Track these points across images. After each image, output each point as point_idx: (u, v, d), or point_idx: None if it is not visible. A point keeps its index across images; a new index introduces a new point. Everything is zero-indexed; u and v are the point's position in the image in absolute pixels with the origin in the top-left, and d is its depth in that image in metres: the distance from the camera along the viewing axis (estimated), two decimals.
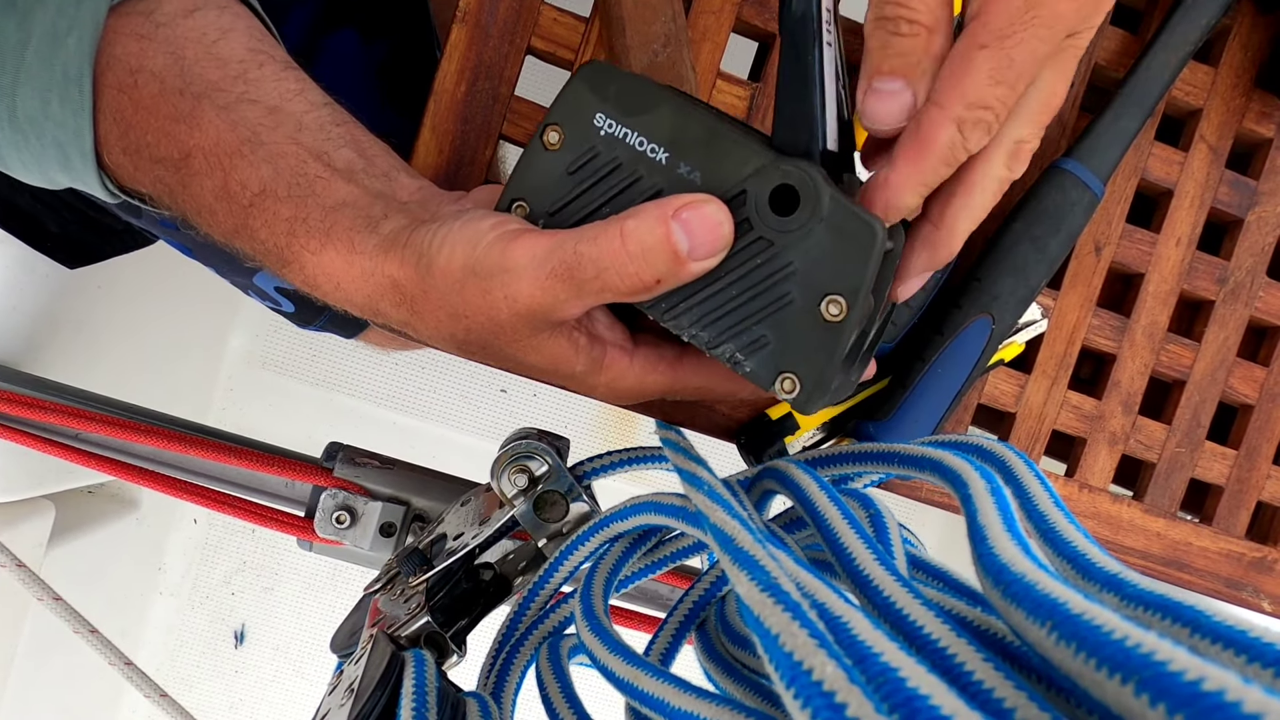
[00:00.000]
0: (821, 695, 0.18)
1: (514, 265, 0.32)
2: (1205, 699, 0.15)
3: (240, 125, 0.37)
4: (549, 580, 0.42)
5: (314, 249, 0.36)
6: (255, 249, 0.38)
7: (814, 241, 0.32)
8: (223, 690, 1.58)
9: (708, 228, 0.32)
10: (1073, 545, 0.23)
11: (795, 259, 0.32)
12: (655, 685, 0.29)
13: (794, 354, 0.33)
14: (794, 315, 0.33)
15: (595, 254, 0.32)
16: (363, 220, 0.36)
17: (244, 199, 0.37)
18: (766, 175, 0.32)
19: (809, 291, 0.32)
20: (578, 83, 0.35)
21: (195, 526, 1.55)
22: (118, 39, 0.37)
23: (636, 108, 0.34)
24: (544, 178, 0.35)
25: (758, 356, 0.33)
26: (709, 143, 0.33)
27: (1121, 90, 0.49)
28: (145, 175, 0.38)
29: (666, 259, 0.31)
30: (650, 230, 0.31)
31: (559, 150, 0.35)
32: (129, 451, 0.62)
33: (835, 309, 0.32)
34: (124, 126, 0.37)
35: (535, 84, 0.49)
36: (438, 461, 0.63)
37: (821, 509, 0.32)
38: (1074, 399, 0.54)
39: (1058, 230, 0.47)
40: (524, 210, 0.36)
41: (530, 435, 0.46)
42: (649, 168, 0.34)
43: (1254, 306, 0.55)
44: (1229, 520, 0.56)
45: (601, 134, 0.34)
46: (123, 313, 1.14)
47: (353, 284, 0.36)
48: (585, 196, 0.35)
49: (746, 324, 0.33)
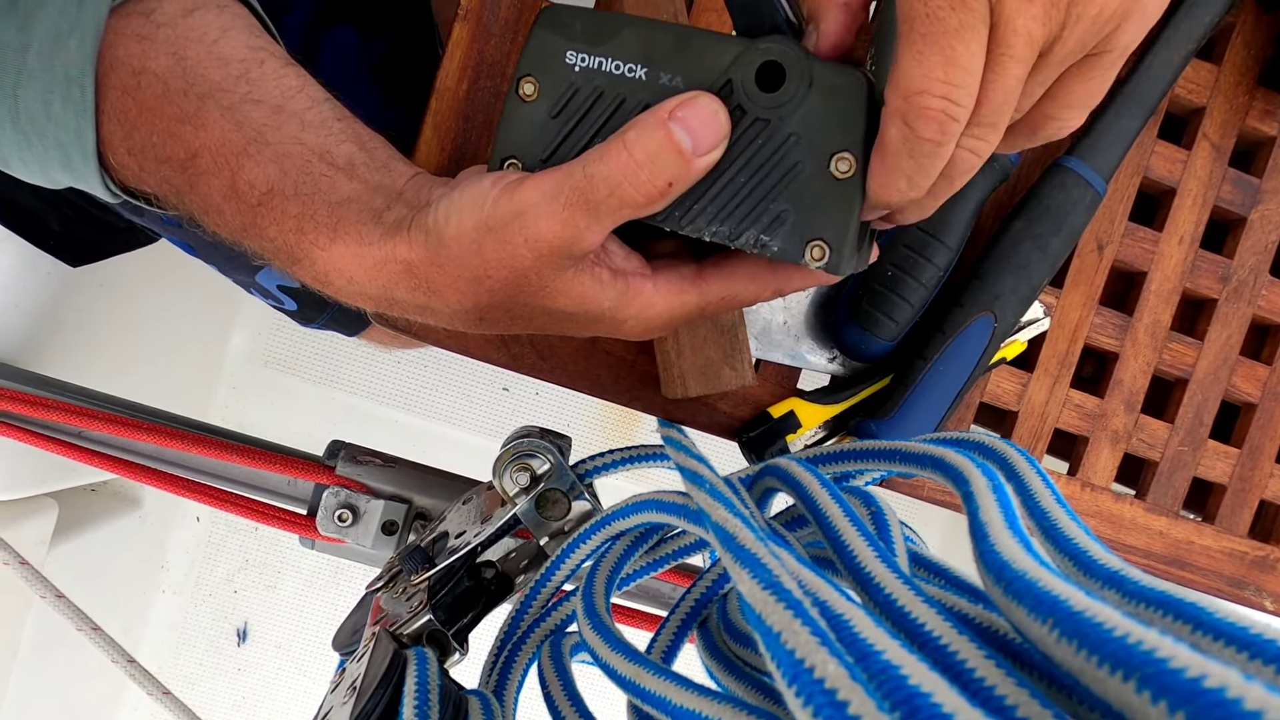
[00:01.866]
0: (823, 693, 0.18)
1: (527, 206, 0.33)
2: (1206, 696, 0.15)
3: (245, 125, 0.37)
4: (551, 578, 0.42)
5: (323, 244, 0.36)
6: (264, 247, 0.38)
7: (808, 108, 0.33)
8: (225, 688, 1.58)
9: (704, 119, 0.32)
10: (1074, 542, 0.23)
11: (795, 128, 0.33)
12: (657, 683, 0.29)
13: (816, 219, 0.33)
14: (807, 182, 0.33)
15: (605, 172, 0.32)
16: (368, 213, 0.36)
17: (252, 198, 0.37)
18: (747, 58, 0.33)
19: (815, 156, 0.33)
20: (540, 30, 0.35)
21: (198, 524, 1.55)
22: (119, 40, 0.37)
23: (603, 36, 0.35)
24: (528, 129, 0.36)
25: (781, 232, 0.34)
26: (681, 47, 0.34)
27: (1124, 88, 0.49)
28: (151, 175, 0.38)
29: (674, 159, 0.32)
30: (652, 136, 0.32)
31: (537, 99, 0.35)
32: (132, 449, 0.63)
33: (844, 165, 0.33)
34: (128, 127, 0.37)
35: None
36: (439, 459, 0.63)
37: (823, 506, 0.32)
38: (1076, 397, 0.54)
39: (1060, 228, 0.47)
40: (516, 167, 0.36)
41: (532, 433, 0.46)
42: (630, 87, 0.34)
43: (1257, 305, 0.55)
44: (1231, 519, 0.56)
45: (576, 70, 0.35)
46: (125, 310, 1.14)
47: (365, 275, 0.36)
48: (575, 133, 0.35)
49: (764, 204, 0.34)
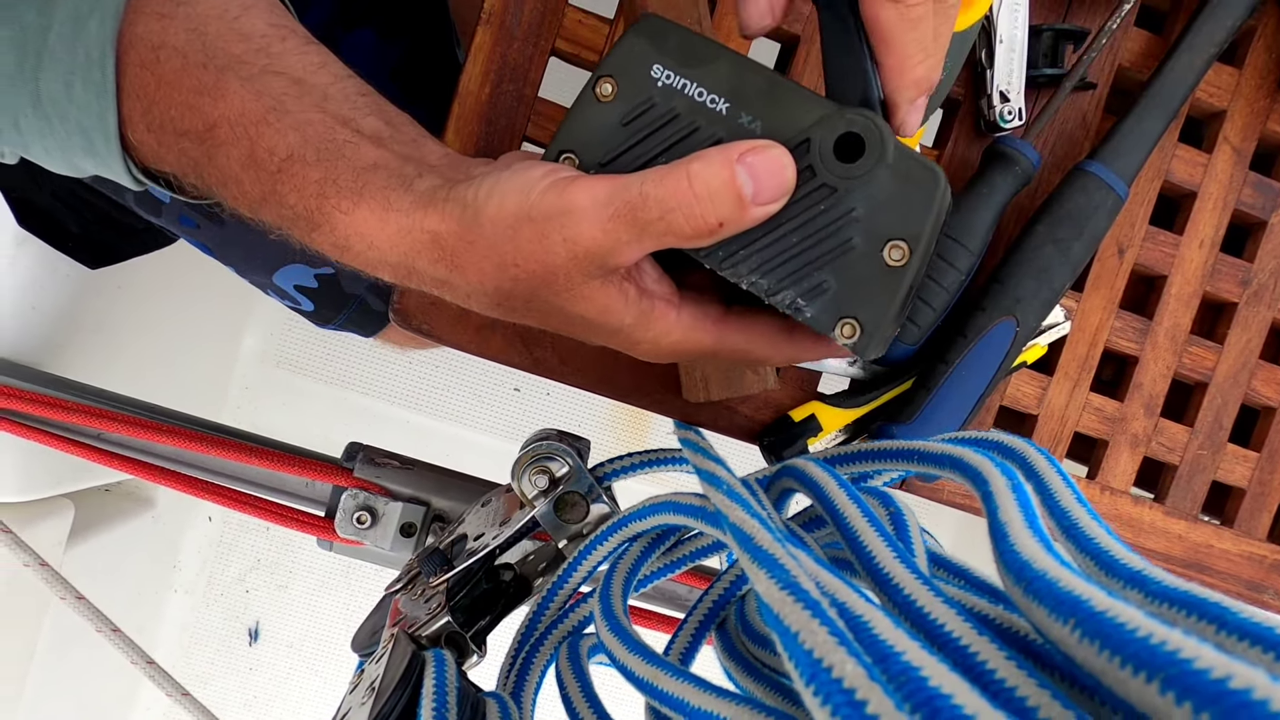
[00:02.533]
0: (842, 693, 0.18)
1: (574, 207, 0.32)
2: (1232, 696, 0.15)
3: (265, 95, 0.37)
4: (568, 580, 0.42)
5: (346, 209, 0.36)
6: (283, 215, 0.37)
7: (877, 188, 0.33)
8: (237, 687, 1.59)
9: (772, 171, 0.32)
10: (1095, 542, 0.23)
11: (859, 204, 0.33)
12: (675, 684, 0.29)
13: (855, 299, 0.33)
14: (856, 260, 0.33)
15: (661, 195, 0.32)
16: (396, 179, 0.36)
17: (271, 165, 0.36)
18: (831, 123, 0.33)
19: (871, 237, 0.33)
20: (634, 35, 0.35)
21: (210, 524, 1.56)
22: (139, 18, 0.37)
23: (695, 60, 0.34)
24: (595, 129, 0.35)
25: (819, 302, 0.34)
26: (770, 93, 0.34)
27: (1146, 92, 0.48)
28: (169, 151, 0.38)
29: (731, 201, 0.32)
30: (716, 173, 0.32)
31: (612, 101, 0.35)
32: (151, 451, 0.63)
33: (898, 254, 0.33)
34: (147, 103, 0.37)
35: (559, 86, 0.50)
36: (452, 460, 0.63)
37: (841, 507, 0.32)
38: (1096, 401, 0.54)
39: (1081, 232, 0.47)
40: (573, 162, 0.36)
41: (551, 436, 0.46)
42: (708, 118, 0.34)
43: (1277, 309, 0.54)
44: (1250, 523, 0.56)
45: (659, 85, 0.34)
46: (142, 312, 1.15)
47: (387, 242, 0.36)
48: (640, 147, 0.35)
49: (808, 270, 0.34)
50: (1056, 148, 0.52)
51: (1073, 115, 0.52)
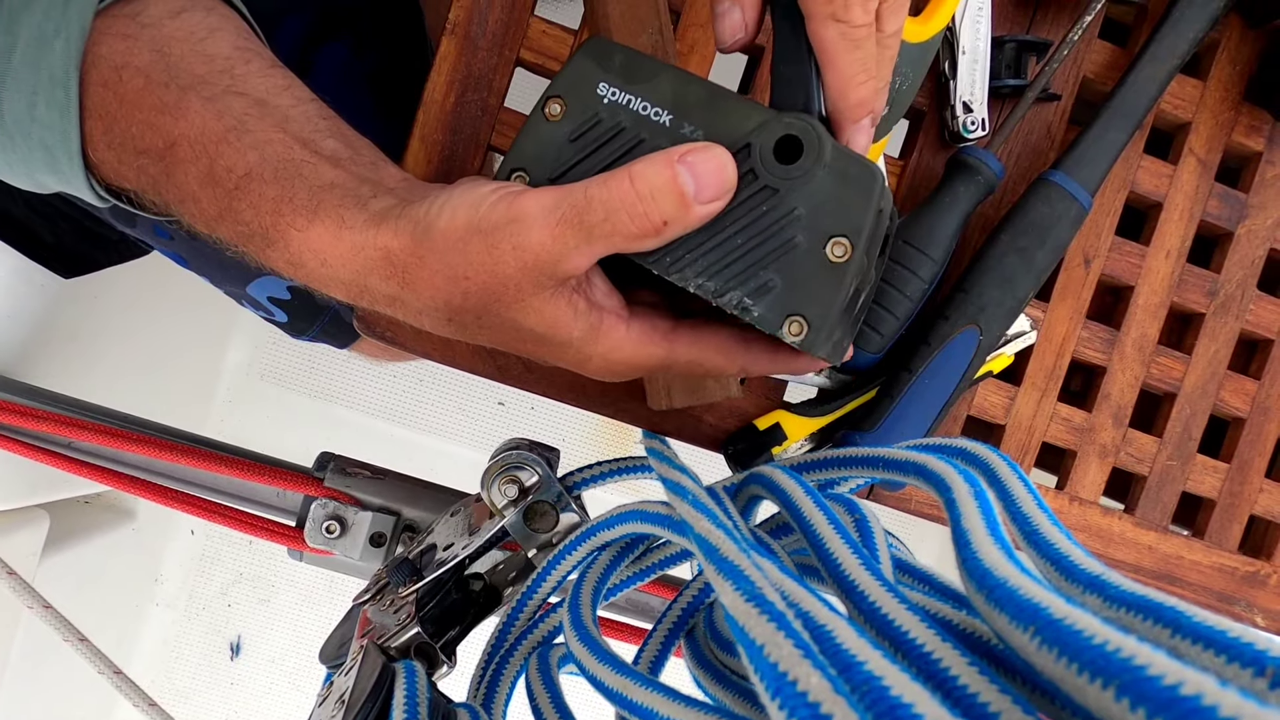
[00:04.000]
0: (806, 706, 0.18)
1: (522, 215, 0.33)
2: (1183, 703, 0.15)
3: (226, 115, 0.37)
4: (537, 590, 0.42)
5: (300, 226, 0.36)
6: (239, 232, 0.38)
7: (817, 187, 0.34)
8: (219, 702, 1.57)
9: (712, 169, 0.33)
10: (1056, 547, 0.24)
11: (800, 204, 0.34)
12: (644, 694, 0.29)
13: (801, 296, 0.34)
14: (800, 258, 0.34)
15: (605, 196, 0.32)
16: (351, 198, 0.36)
17: (229, 183, 0.37)
18: (770, 128, 0.34)
19: (814, 235, 0.34)
20: (581, 56, 0.36)
21: (192, 538, 1.55)
22: (103, 39, 0.37)
23: (639, 76, 0.35)
24: (545, 146, 0.36)
25: (765, 300, 0.34)
26: (711, 104, 0.35)
27: (1109, 103, 0.49)
28: (129, 169, 0.38)
29: (674, 200, 0.33)
30: (658, 173, 0.32)
31: (560, 120, 0.36)
32: (121, 460, 0.62)
33: (840, 250, 0.34)
34: (108, 121, 0.37)
35: (524, 96, 0.50)
36: (435, 474, 0.63)
37: (807, 514, 0.32)
38: (1064, 411, 0.54)
39: (1044, 242, 0.48)
40: (524, 179, 0.37)
41: (520, 446, 0.46)
42: (652, 130, 0.35)
43: (1244, 319, 0.55)
44: (1221, 534, 0.56)
45: (605, 101, 0.36)
46: (119, 323, 1.14)
47: (340, 259, 0.36)
48: (589, 160, 0.36)
49: (753, 269, 0.34)
50: (1021, 158, 0.53)
51: (1037, 126, 0.53)
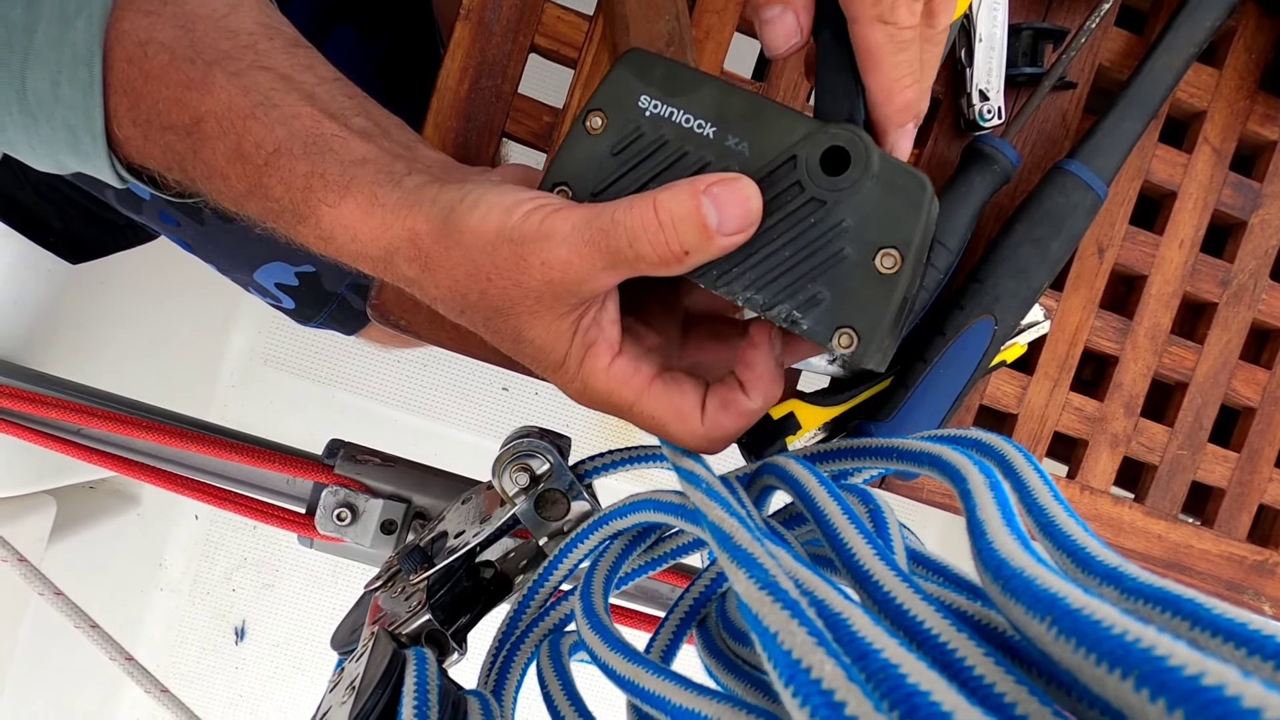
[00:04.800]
0: (820, 694, 0.18)
1: (552, 232, 0.33)
2: (1205, 694, 0.15)
3: (253, 90, 0.37)
4: (549, 578, 0.42)
5: (332, 202, 0.36)
6: (268, 208, 0.38)
7: (865, 198, 0.33)
8: (223, 686, 1.58)
9: (737, 202, 0.33)
10: (1072, 539, 0.23)
11: (848, 216, 0.33)
12: (656, 682, 0.29)
13: (850, 308, 0.34)
14: (849, 271, 0.34)
15: (629, 221, 0.33)
16: (385, 175, 0.36)
17: (258, 159, 0.37)
18: (816, 139, 0.34)
19: (863, 247, 0.33)
20: (621, 69, 0.36)
21: (196, 523, 1.55)
22: (125, 15, 0.37)
23: (680, 89, 0.35)
24: (587, 161, 0.36)
25: (814, 313, 0.34)
26: (755, 115, 0.34)
27: (1125, 92, 0.49)
28: (155, 145, 0.38)
29: (696, 230, 0.33)
30: (681, 203, 0.32)
31: (602, 134, 0.36)
32: (130, 447, 0.62)
33: (890, 261, 0.33)
34: (134, 98, 0.37)
35: (538, 82, 0.50)
36: (439, 459, 0.63)
37: (821, 504, 0.32)
38: (1076, 400, 0.54)
39: (1060, 231, 0.47)
40: (566, 194, 0.36)
41: (532, 433, 0.46)
42: (696, 142, 0.35)
43: (1257, 309, 0.55)
44: (1230, 523, 0.56)
45: (646, 114, 0.35)
46: (124, 308, 1.14)
47: (370, 235, 0.36)
48: (631, 175, 0.36)
49: (802, 282, 0.34)
50: (1036, 147, 0.52)
51: (1052, 114, 0.52)
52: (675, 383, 0.38)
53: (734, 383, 0.38)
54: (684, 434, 0.38)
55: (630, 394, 0.37)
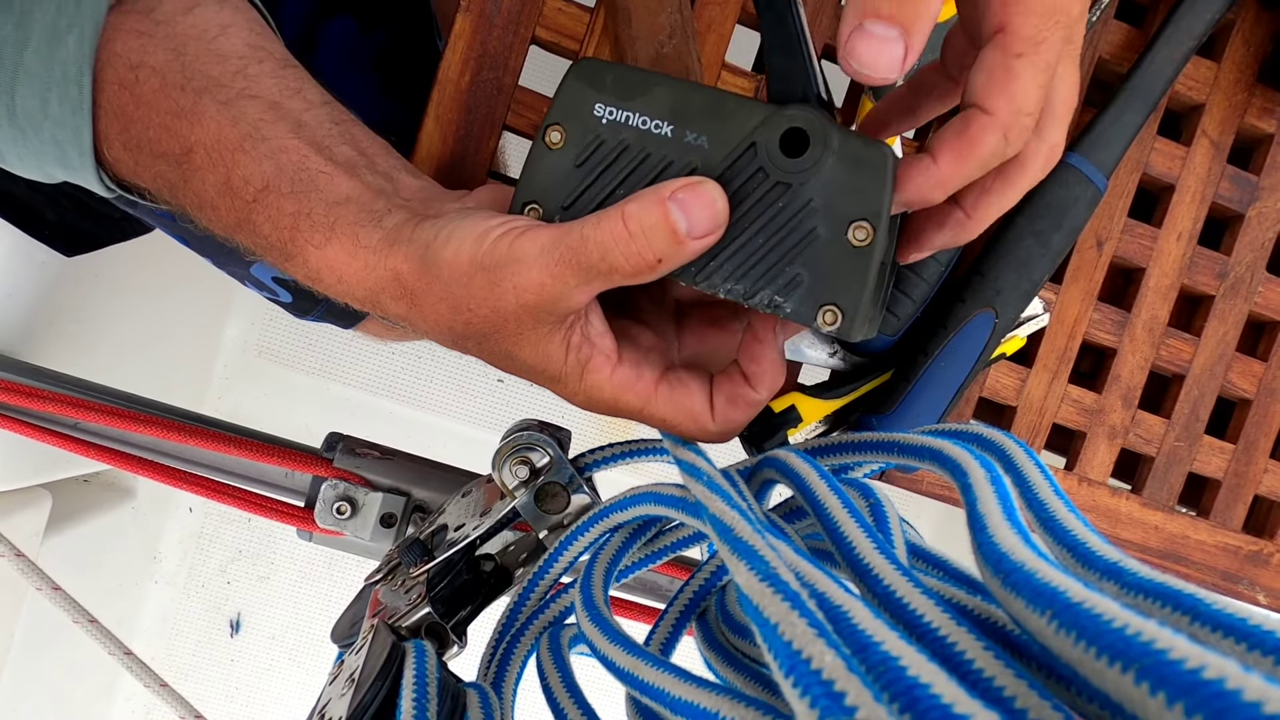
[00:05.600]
0: (821, 684, 0.18)
1: (523, 255, 0.33)
2: (1205, 687, 0.15)
3: (241, 121, 0.37)
4: (549, 571, 0.42)
5: (318, 243, 0.36)
6: (257, 243, 0.38)
7: (829, 175, 0.33)
8: (219, 679, 1.58)
9: (703, 204, 0.33)
10: (1072, 534, 0.23)
11: (814, 195, 0.34)
12: (655, 675, 0.29)
13: (830, 285, 0.34)
14: (823, 248, 0.34)
15: (599, 236, 0.33)
16: (366, 215, 0.36)
17: (247, 194, 0.37)
18: (773, 123, 0.34)
19: (833, 223, 0.34)
20: (571, 80, 0.36)
21: (191, 515, 1.55)
22: (117, 35, 0.37)
23: (633, 92, 0.35)
24: (552, 176, 0.36)
25: (795, 295, 0.34)
26: (710, 108, 0.34)
27: (1125, 85, 0.49)
28: (146, 171, 0.38)
29: (667, 237, 0.33)
30: (649, 212, 0.32)
31: (562, 147, 0.36)
32: (128, 441, 0.62)
33: (861, 234, 0.33)
34: (125, 121, 0.37)
35: (539, 74, 0.49)
36: (434, 451, 0.63)
37: (821, 498, 0.32)
38: (1074, 393, 0.54)
39: (1060, 224, 0.47)
40: (537, 212, 0.37)
41: (532, 426, 0.46)
42: (656, 143, 0.35)
43: (1254, 301, 0.55)
44: (1226, 514, 0.56)
45: (604, 122, 0.35)
46: (119, 301, 1.14)
47: (355, 277, 0.36)
48: (597, 184, 0.36)
49: (779, 266, 0.34)
50: None
51: None
52: (681, 384, 0.38)
53: (738, 376, 0.38)
54: (697, 433, 0.38)
55: (637, 400, 0.37)
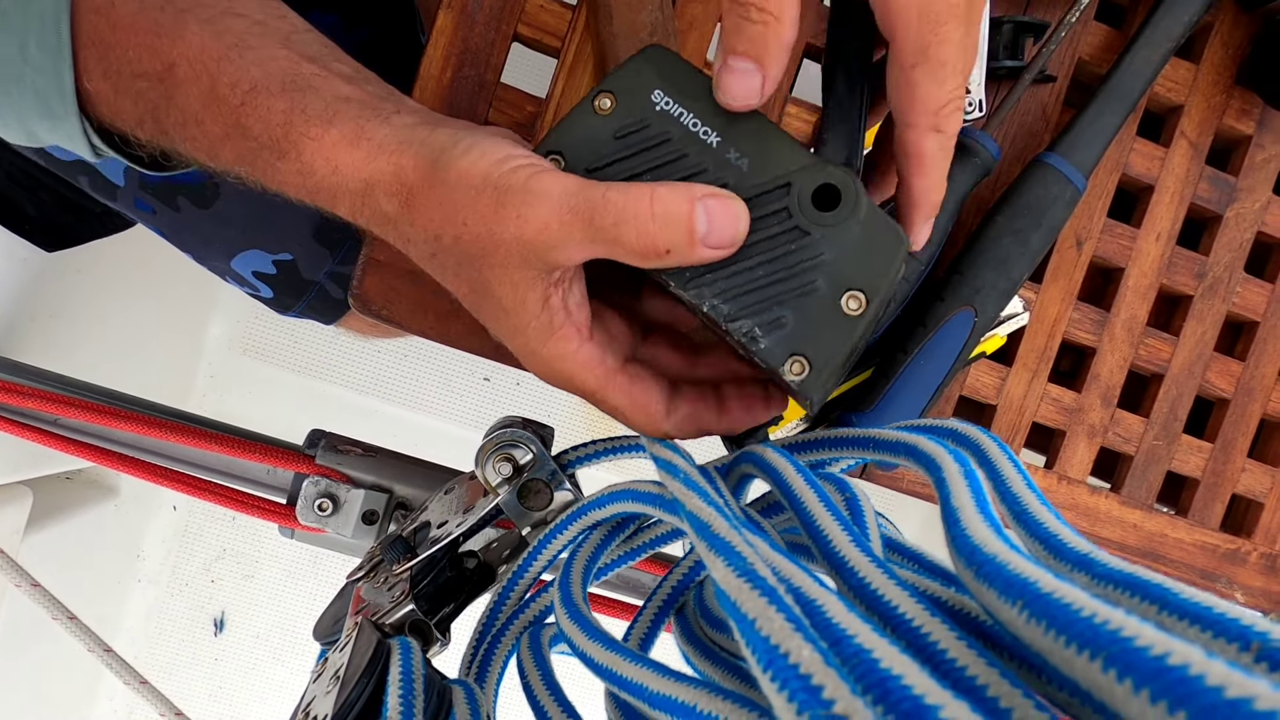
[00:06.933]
0: (798, 678, 0.19)
1: (541, 190, 0.33)
2: (1170, 673, 0.15)
3: (226, 34, 0.36)
4: (528, 569, 0.42)
5: (315, 135, 0.35)
6: (246, 148, 0.37)
7: (846, 239, 0.34)
8: (202, 678, 1.57)
9: (729, 218, 0.33)
10: (1044, 526, 0.24)
11: (826, 251, 0.34)
12: (634, 670, 0.29)
13: (809, 338, 0.35)
14: (816, 303, 0.35)
15: (623, 202, 0.32)
16: (372, 111, 0.36)
17: (234, 99, 0.36)
18: (813, 172, 0.35)
19: (834, 284, 0.34)
20: (641, 60, 0.36)
21: (175, 514, 1.54)
22: None
23: (696, 93, 0.36)
24: (588, 137, 0.36)
25: (774, 335, 0.35)
26: (759, 135, 0.35)
27: (1104, 86, 0.49)
28: (126, 96, 0.38)
29: (682, 233, 0.33)
30: (678, 203, 0.33)
31: (609, 116, 0.36)
32: (108, 437, 0.62)
33: (855, 303, 0.34)
34: (103, 48, 0.37)
35: (521, 71, 0.49)
36: (420, 449, 0.63)
37: (798, 491, 0.32)
38: (1054, 391, 0.54)
39: (1040, 224, 0.48)
40: (560, 163, 0.36)
41: (515, 423, 0.46)
42: (698, 147, 0.35)
43: (1231, 302, 0.55)
44: (1204, 512, 0.57)
45: (657, 109, 0.36)
46: (102, 297, 1.14)
47: (352, 167, 0.35)
48: (628, 161, 0.36)
49: (769, 303, 0.35)
50: (1016, 140, 0.53)
51: (1032, 107, 0.53)
52: (640, 378, 0.38)
53: (712, 400, 0.38)
54: (647, 428, 0.38)
55: (594, 381, 0.37)
